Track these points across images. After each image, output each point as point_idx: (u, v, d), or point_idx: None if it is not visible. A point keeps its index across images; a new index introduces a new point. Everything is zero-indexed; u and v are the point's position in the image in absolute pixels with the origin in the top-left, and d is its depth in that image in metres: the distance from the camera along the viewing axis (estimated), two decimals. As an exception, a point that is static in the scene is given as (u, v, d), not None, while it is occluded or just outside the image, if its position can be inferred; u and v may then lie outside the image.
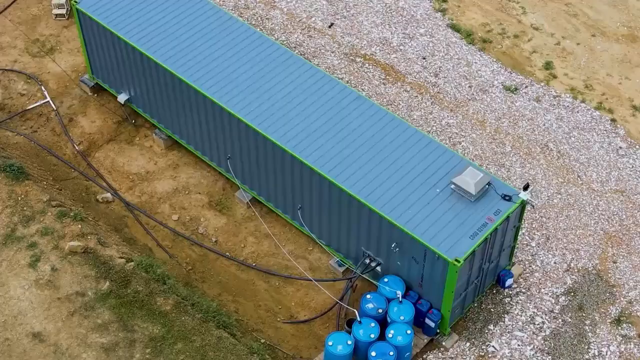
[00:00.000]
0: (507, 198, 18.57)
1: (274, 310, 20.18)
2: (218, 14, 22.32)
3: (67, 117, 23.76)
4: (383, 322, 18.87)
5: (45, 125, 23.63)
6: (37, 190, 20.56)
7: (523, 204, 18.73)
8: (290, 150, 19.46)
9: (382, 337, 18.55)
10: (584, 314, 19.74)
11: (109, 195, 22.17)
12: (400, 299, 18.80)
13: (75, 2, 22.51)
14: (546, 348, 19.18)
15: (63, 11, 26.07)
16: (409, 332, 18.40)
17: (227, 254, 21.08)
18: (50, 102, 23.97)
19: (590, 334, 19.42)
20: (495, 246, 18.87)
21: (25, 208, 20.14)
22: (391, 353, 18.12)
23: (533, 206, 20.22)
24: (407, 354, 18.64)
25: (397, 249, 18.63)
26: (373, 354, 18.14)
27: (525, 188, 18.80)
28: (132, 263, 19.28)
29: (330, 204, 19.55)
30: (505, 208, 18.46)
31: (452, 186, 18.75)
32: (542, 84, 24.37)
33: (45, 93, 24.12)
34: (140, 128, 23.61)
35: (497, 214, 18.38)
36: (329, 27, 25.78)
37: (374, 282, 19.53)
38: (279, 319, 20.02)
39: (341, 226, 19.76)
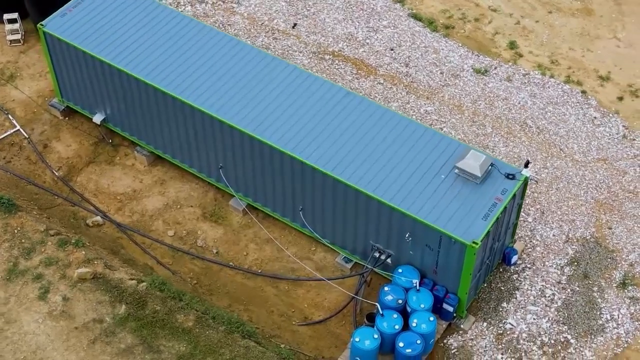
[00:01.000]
0: (510, 177, 18.91)
1: (288, 314, 20.09)
2: (190, 24, 22.01)
3: (41, 143, 23.13)
4: (402, 313, 18.97)
5: (19, 155, 22.95)
6: (32, 220, 19.98)
7: (526, 181, 19.10)
8: (290, 152, 19.39)
9: (403, 327, 18.70)
10: (590, 282, 20.26)
11: (99, 218, 21.67)
12: (417, 288, 18.96)
13: (42, 25, 21.90)
14: (561, 319, 19.61)
15: (18, 36, 25.34)
16: (431, 319, 18.58)
17: (231, 263, 20.87)
18: (21, 130, 23.29)
19: (599, 300, 19.94)
20: (503, 225, 19.20)
21: (23, 240, 19.53)
22: (418, 342, 18.26)
23: (537, 182, 20.64)
24: (432, 340, 18.82)
25: (410, 239, 18.78)
26: (401, 344, 18.24)
27: (526, 165, 19.19)
28: (144, 283, 18.92)
29: (334, 202, 19.55)
30: (511, 186, 18.79)
31: (456, 171, 18.98)
32: (510, 63, 24.87)
33: (14, 121, 23.43)
34: (118, 147, 23.14)
35: (504, 193, 18.69)
36: (293, 27, 25.75)
37: (387, 274, 19.65)
38: (294, 322, 19.93)
39: (347, 223, 19.79)
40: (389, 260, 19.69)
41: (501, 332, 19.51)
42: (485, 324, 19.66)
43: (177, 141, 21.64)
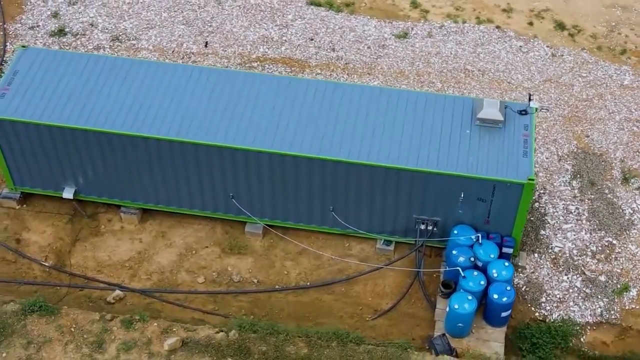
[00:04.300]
0: (523, 112, 19.88)
1: (357, 313, 19.89)
2: (140, 65, 20.80)
3: (11, 240, 20.98)
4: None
5: (-8, 260, 20.72)
6: (82, 313, 18.21)
7: (536, 111, 20.18)
8: (317, 155, 19.11)
9: (480, 282, 19.23)
10: (599, 187, 21.81)
11: (118, 292, 20.11)
12: (480, 241, 19.50)
13: (-13, 112, 19.82)
14: (595, 227, 21.00)
15: None
16: (507, 264, 19.23)
17: (277, 286, 20.26)
18: (-18, 233, 21.02)
19: (615, 200, 21.55)
20: (527, 158, 20.24)
21: (85, 336, 17.79)
22: (508, 288, 18.87)
23: (547, 110, 21.80)
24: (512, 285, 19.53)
25: (462, 198, 19.25)
26: (495, 296, 18.75)
27: (530, 98, 20.27)
28: (233, 331, 17.95)
29: (372, 190, 19.55)
30: (529, 121, 19.78)
31: (478, 122, 19.63)
32: (422, 21, 25.83)
33: (-31, 227, 21.08)
34: (96, 216, 21.50)
35: (527, 129, 19.66)
36: (205, 46, 25.03)
37: (436, 240, 20.06)
38: (367, 319, 19.79)
39: (386, 206, 19.86)
40: (435, 228, 20.05)
41: (553, 256, 20.57)
42: (536, 255, 20.62)
43: (173, 187, 20.50)
